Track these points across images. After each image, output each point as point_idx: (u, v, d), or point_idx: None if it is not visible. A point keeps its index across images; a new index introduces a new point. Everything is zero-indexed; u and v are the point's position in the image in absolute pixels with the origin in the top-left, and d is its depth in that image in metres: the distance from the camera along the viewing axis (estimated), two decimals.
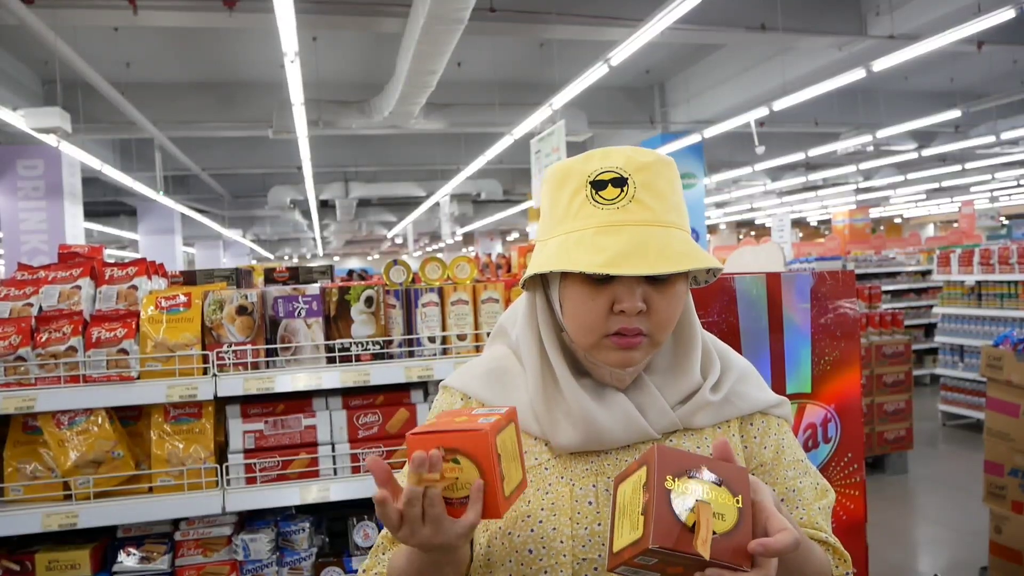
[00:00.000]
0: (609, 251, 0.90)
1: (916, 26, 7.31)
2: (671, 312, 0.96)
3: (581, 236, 0.94)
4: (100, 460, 2.11)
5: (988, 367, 3.77)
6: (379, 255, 36.54)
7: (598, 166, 0.96)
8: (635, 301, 0.92)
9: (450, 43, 6.12)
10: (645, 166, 0.95)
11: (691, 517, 0.74)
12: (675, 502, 0.75)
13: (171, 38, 8.49)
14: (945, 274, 7.68)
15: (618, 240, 0.91)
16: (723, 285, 2.04)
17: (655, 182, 0.95)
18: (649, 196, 0.94)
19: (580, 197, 0.96)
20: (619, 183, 0.94)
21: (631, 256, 0.89)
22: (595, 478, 1.00)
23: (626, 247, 0.90)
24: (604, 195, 0.94)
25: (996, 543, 3.62)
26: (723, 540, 0.74)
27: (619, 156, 0.96)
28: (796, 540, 0.76)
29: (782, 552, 0.75)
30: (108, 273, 2.36)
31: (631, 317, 0.93)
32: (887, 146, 13.07)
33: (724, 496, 0.77)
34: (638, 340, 0.95)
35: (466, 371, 1.13)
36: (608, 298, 0.94)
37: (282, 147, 11.76)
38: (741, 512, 0.76)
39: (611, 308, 0.94)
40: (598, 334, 0.95)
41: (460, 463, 0.83)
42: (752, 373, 1.10)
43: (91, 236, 16.67)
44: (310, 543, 2.32)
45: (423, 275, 2.46)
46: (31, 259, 8.96)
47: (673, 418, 1.01)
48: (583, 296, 0.95)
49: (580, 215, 0.95)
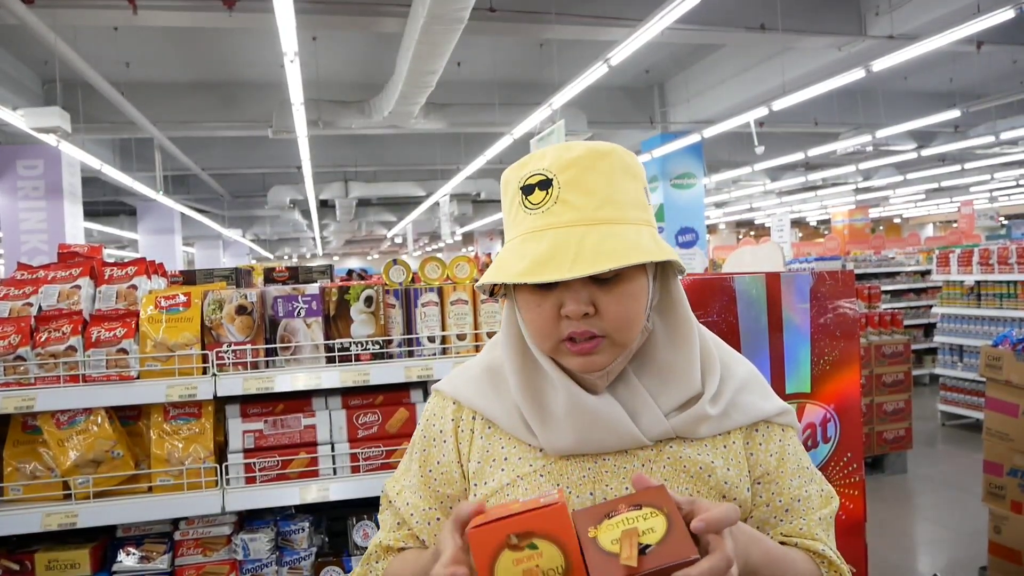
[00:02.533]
0: (528, 258, 0.87)
1: (916, 26, 7.31)
2: (623, 311, 0.91)
3: (512, 245, 0.92)
4: (100, 460, 2.12)
5: (987, 367, 3.77)
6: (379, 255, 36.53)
7: (528, 170, 0.94)
8: (578, 305, 0.89)
9: (450, 43, 6.12)
10: (572, 163, 0.91)
11: (618, 546, 0.76)
12: (603, 544, 0.77)
13: (171, 38, 8.49)
14: (944, 274, 7.68)
15: (539, 246, 0.88)
16: (723, 285, 2.04)
17: (583, 178, 0.91)
18: (575, 194, 0.90)
19: (516, 204, 0.94)
20: (545, 185, 0.91)
21: (549, 262, 0.86)
22: (592, 486, 0.97)
23: (545, 252, 0.87)
24: (532, 200, 0.92)
25: (995, 543, 3.62)
26: (660, 547, 0.76)
27: (547, 157, 0.93)
28: (733, 508, 0.78)
29: (723, 520, 0.77)
30: (108, 273, 2.36)
31: (578, 321, 0.90)
32: (887, 146, 13.07)
33: (646, 514, 0.79)
34: (593, 344, 0.91)
35: (458, 375, 1.10)
36: (555, 303, 0.91)
37: (282, 147, 11.76)
38: (668, 517, 0.78)
39: (560, 313, 0.91)
40: (553, 339, 0.93)
41: (538, 547, 0.77)
42: (755, 380, 1.05)
43: (91, 236, 16.67)
44: (310, 543, 2.32)
45: (423, 275, 2.46)
46: (31, 259, 8.96)
47: (667, 426, 0.97)
48: (531, 303, 0.93)
49: (515, 223, 0.94)
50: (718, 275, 2.23)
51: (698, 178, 12.34)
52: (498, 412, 1.02)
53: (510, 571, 0.76)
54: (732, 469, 0.98)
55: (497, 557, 0.77)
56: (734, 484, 0.98)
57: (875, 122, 11.32)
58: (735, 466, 0.99)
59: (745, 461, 1.00)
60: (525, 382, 0.99)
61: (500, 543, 0.77)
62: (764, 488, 1.01)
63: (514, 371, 1.00)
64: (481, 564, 0.77)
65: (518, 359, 1.01)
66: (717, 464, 0.98)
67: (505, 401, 1.02)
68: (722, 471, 0.97)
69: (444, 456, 1.05)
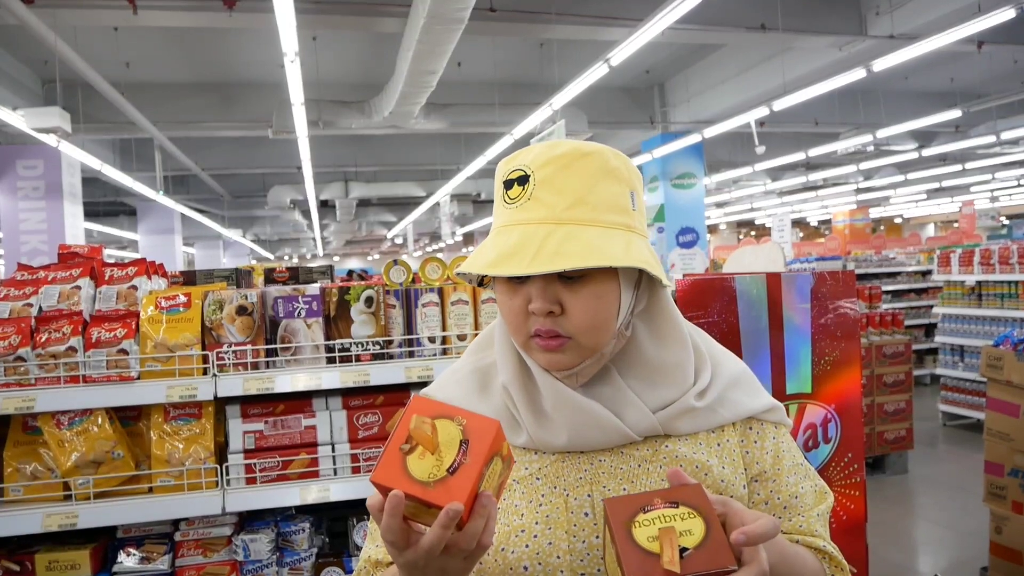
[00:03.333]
0: (493, 252, 0.89)
1: (916, 26, 7.31)
2: (588, 313, 0.90)
3: (489, 237, 0.94)
4: (100, 460, 2.11)
5: (988, 367, 3.77)
6: (379, 255, 36.53)
7: (513, 165, 0.94)
8: (543, 302, 0.89)
9: (450, 43, 6.12)
10: (551, 160, 0.91)
11: (657, 545, 0.75)
12: (639, 540, 0.76)
13: (171, 38, 8.49)
14: (945, 274, 7.68)
15: (507, 240, 0.89)
16: (723, 285, 2.04)
17: (558, 177, 0.90)
18: (548, 192, 0.90)
19: (499, 197, 0.95)
20: (523, 181, 0.92)
21: (511, 257, 0.87)
22: (590, 487, 0.96)
23: (510, 247, 0.88)
24: (510, 194, 0.93)
25: (996, 543, 3.62)
26: (697, 552, 0.75)
27: (531, 154, 0.94)
28: (775, 523, 0.77)
29: (764, 535, 0.75)
30: (108, 273, 2.36)
31: (543, 318, 0.91)
32: (887, 146, 13.07)
33: (683, 514, 0.78)
34: (557, 343, 0.91)
35: (445, 379, 1.09)
36: (524, 298, 0.92)
37: (282, 147, 11.76)
38: (707, 521, 0.77)
39: (528, 308, 0.92)
40: (523, 334, 0.94)
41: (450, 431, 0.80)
42: (745, 378, 1.05)
43: (91, 236, 16.68)
44: (310, 543, 2.32)
45: (423, 275, 2.46)
46: (31, 259, 8.96)
47: (653, 421, 0.96)
48: (504, 296, 0.94)
49: (496, 215, 0.96)
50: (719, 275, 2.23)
51: (698, 178, 12.34)
52: (489, 413, 1.01)
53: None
54: (728, 467, 0.98)
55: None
56: (730, 482, 0.98)
57: (876, 122, 11.31)
58: (730, 464, 0.99)
59: (741, 459, 1.00)
60: (515, 375, 0.99)
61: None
62: (761, 486, 1.01)
63: (505, 365, 1.00)
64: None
65: (512, 356, 1.01)
66: (712, 462, 0.97)
67: (495, 402, 1.01)
68: (718, 469, 0.97)
69: None
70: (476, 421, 0.80)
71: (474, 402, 1.02)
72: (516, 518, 0.95)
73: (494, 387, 1.03)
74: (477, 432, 0.79)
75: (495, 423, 0.80)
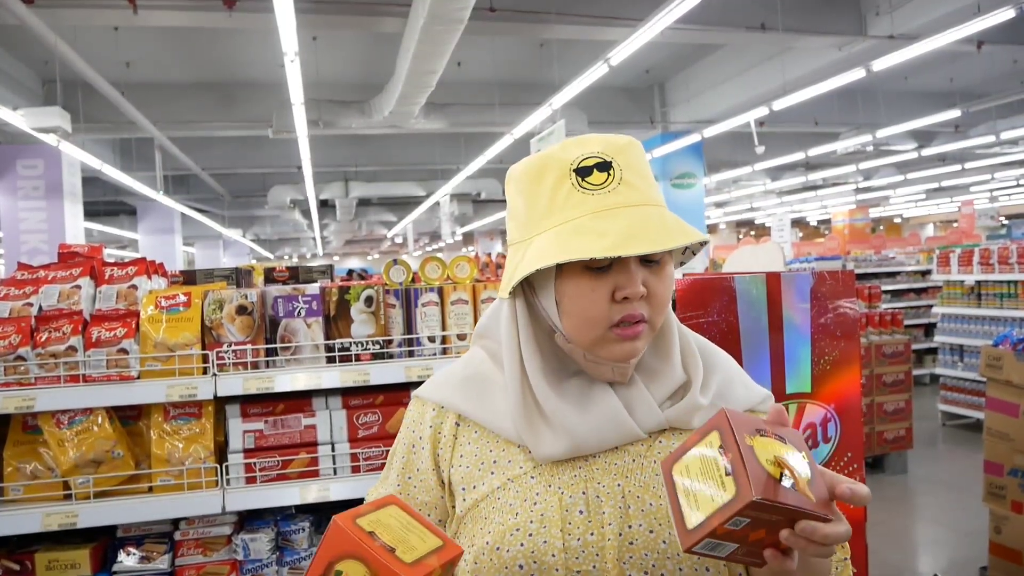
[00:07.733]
0: (611, 235, 0.87)
1: (916, 26, 7.31)
2: (667, 293, 0.95)
3: (577, 225, 0.90)
4: (100, 460, 2.11)
5: (988, 367, 3.77)
6: (379, 255, 36.52)
7: (578, 153, 0.94)
8: (637, 286, 0.90)
9: (450, 43, 6.12)
10: (623, 148, 0.95)
11: (776, 470, 0.72)
12: (760, 457, 0.73)
13: (171, 38, 8.49)
14: (945, 274, 7.68)
15: (617, 223, 0.89)
16: (723, 285, 2.04)
17: (635, 163, 0.95)
18: (634, 177, 0.93)
19: (565, 187, 0.93)
20: (604, 167, 0.93)
21: (635, 237, 0.87)
22: (584, 484, 0.95)
23: (628, 228, 0.88)
24: (591, 181, 0.92)
25: (996, 543, 3.62)
26: (810, 490, 0.73)
27: (596, 142, 0.95)
28: (868, 491, 0.78)
29: (867, 498, 0.77)
30: (108, 273, 2.36)
31: (635, 303, 0.92)
32: (887, 146, 13.07)
33: (790, 450, 0.76)
34: (640, 328, 0.93)
35: (442, 379, 1.08)
36: (609, 287, 0.91)
37: (282, 147, 11.76)
38: (811, 467, 0.76)
39: (612, 297, 0.92)
40: (602, 327, 0.92)
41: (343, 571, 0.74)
42: (737, 371, 1.08)
43: (91, 236, 16.66)
44: (310, 543, 2.32)
45: (423, 275, 2.46)
46: (31, 259, 8.96)
47: (661, 418, 0.97)
48: (584, 288, 0.91)
49: (568, 205, 0.92)
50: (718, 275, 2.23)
51: (698, 178, 12.34)
52: (487, 415, 1.01)
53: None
54: None
55: None
56: None
57: (875, 122, 11.32)
58: None
59: None
60: (520, 390, 0.97)
61: None
62: None
63: (513, 377, 0.98)
64: None
65: (517, 365, 0.98)
66: None
67: (491, 404, 1.01)
68: None
69: (423, 463, 1.04)
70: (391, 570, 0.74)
71: (475, 404, 1.02)
72: (511, 517, 0.95)
73: (491, 391, 1.03)
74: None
75: None
